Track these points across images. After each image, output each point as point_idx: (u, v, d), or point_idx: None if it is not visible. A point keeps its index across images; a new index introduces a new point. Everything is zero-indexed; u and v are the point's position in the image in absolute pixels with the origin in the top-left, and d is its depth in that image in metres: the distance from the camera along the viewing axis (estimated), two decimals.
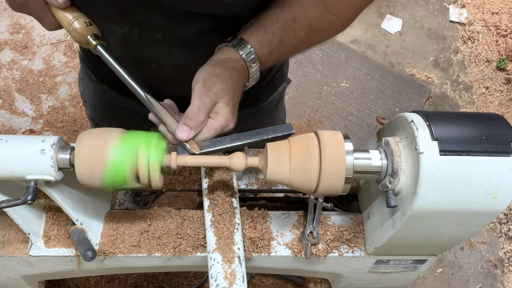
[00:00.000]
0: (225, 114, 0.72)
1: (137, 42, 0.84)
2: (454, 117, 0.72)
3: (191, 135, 0.71)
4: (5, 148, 0.67)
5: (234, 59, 0.75)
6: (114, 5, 0.77)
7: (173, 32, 0.81)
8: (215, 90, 0.71)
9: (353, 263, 0.90)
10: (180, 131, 0.70)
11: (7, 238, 0.85)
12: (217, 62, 0.75)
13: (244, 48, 0.76)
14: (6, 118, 2.12)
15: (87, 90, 1.15)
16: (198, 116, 0.70)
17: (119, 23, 0.81)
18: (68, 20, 0.76)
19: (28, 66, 2.25)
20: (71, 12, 0.76)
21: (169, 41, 0.83)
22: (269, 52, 0.78)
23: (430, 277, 1.91)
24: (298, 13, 0.77)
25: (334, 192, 0.69)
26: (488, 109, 2.36)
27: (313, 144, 0.68)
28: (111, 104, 1.09)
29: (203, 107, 0.70)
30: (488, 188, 0.68)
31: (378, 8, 2.61)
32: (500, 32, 2.53)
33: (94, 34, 0.78)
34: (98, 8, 0.78)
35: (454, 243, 0.82)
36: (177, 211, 0.87)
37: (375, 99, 2.32)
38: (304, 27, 0.78)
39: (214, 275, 0.73)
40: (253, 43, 0.76)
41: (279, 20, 0.77)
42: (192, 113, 0.70)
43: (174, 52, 0.85)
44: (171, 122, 0.74)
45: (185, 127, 0.70)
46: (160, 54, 0.86)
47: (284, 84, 1.16)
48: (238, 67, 0.75)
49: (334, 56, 2.42)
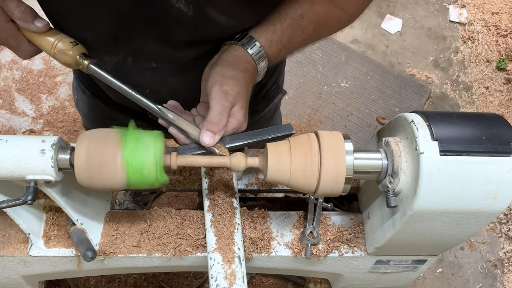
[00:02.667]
0: (239, 117, 0.72)
1: (130, 71, 0.82)
2: (454, 117, 0.72)
3: (216, 140, 0.70)
4: (5, 148, 0.67)
5: (245, 60, 0.75)
6: (107, 36, 0.74)
7: (168, 59, 0.80)
8: (232, 93, 0.71)
9: (353, 263, 0.90)
10: (205, 137, 0.69)
11: (7, 238, 0.85)
12: (229, 63, 0.74)
13: (254, 47, 0.75)
14: (6, 118, 2.11)
15: (81, 101, 1.13)
16: (221, 121, 0.69)
17: (112, 53, 0.78)
18: (50, 43, 0.69)
19: (28, 66, 2.25)
20: (52, 34, 0.70)
21: (164, 68, 0.81)
22: (278, 51, 0.77)
23: (430, 277, 1.91)
24: (306, 9, 0.77)
25: (334, 192, 0.69)
26: (488, 109, 2.36)
27: (313, 144, 0.68)
28: (104, 117, 1.07)
29: (224, 112, 0.70)
30: (488, 188, 0.68)
31: (378, 8, 2.61)
32: (500, 32, 2.53)
33: (83, 54, 0.72)
34: (88, 39, 0.74)
35: (454, 243, 0.82)
36: (177, 211, 0.87)
37: (375, 99, 2.32)
38: (312, 23, 0.78)
39: (214, 275, 0.73)
40: (263, 42, 0.75)
41: (288, 17, 0.76)
42: (215, 118, 0.69)
43: (170, 79, 0.84)
44: (191, 130, 0.73)
45: (209, 133, 0.69)
46: (154, 81, 0.84)
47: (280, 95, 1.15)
48: (250, 68, 0.75)
49: (334, 56, 2.41)
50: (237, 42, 0.76)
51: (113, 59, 0.80)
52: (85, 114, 1.16)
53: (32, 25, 0.67)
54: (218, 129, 0.70)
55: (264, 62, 0.77)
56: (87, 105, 1.11)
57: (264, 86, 1.05)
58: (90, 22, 0.72)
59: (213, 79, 0.72)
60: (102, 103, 1.03)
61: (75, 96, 1.16)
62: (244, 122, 0.73)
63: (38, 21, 0.68)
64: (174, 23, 0.71)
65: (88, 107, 1.11)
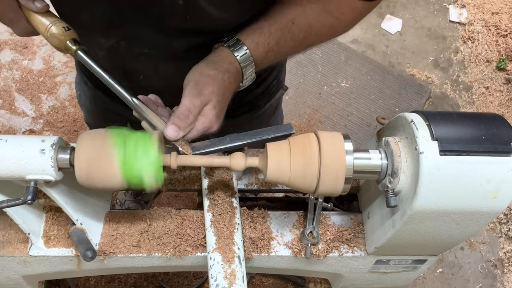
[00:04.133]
0: (210, 117, 0.72)
1: (124, 55, 0.82)
2: (454, 117, 0.72)
3: (180, 135, 0.70)
4: (5, 148, 0.67)
5: (229, 61, 0.75)
6: (101, 19, 0.75)
7: (161, 47, 0.80)
8: (205, 92, 0.71)
9: (353, 263, 0.90)
10: (169, 130, 0.69)
11: (7, 238, 0.85)
12: (211, 62, 0.75)
13: (239, 50, 0.75)
14: (6, 118, 2.11)
15: (83, 95, 1.14)
16: (188, 117, 0.70)
17: (106, 36, 0.79)
18: (45, 25, 0.71)
19: (28, 66, 2.25)
20: (48, 17, 0.71)
21: (157, 55, 0.82)
22: (265, 54, 0.77)
23: (430, 277, 1.91)
24: (297, 15, 0.77)
25: (334, 192, 0.69)
26: (488, 109, 2.36)
27: (313, 144, 0.68)
28: (106, 110, 1.08)
29: (193, 109, 0.70)
30: (488, 188, 0.68)
31: (378, 8, 2.61)
32: (500, 32, 2.53)
33: (73, 39, 0.73)
34: (84, 20, 0.75)
35: (454, 243, 0.82)
36: (177, 211, 0.87)
37: (375, 99, 2.32)
38: (303, 29, 0.78)
39: (214, 275, 0.73)
40: (249, 45, 0.75)
41: (277, 21, 0.76)
42: (182, 114, 0.70)
43: (162, 66, 0.84)
44: (159, 124, 0.73)
45: (174, 127, 0.69)
46: (148, 67, 0.85)
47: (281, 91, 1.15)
48: (232, 69, 0.75)
49: (334, 56, 2.42)
50: (223, 44, 0.76)
51: (108, 41, 0.80)
52: (87, 109, 1.17)
53: (32, 4, 0.69)
54: (184, 124, 0.70)
55: (250, 65, 0.77)
56: (89, 99, 1.12)
57: (264, 80, 1.05)
58: (85, 5, 0.74)
59: (190, 76, 0.73)
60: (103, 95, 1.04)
61: (77, 91, 1.17)
62: (215, 122, 0.73)
63: (38, 2, 0.70)
64: (166, 11, 0.72)
65: (90, 100, 1.12)
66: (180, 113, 0.70)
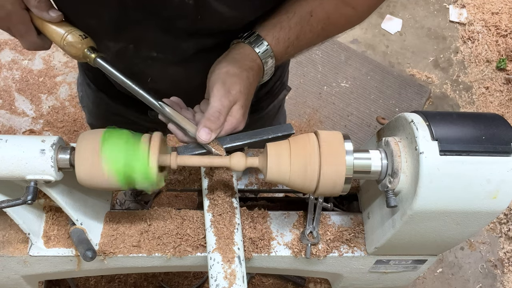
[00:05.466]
0: (238, 116, 0.72)
1: (132, 58, 0.82)
2: (454, 117, 0.72)
3: (212, 137, 0.70)
4: (5, 148, 0.67)
5: (251, 58, 0.74)
6: (109, 22, 0.74)
7: (170, 50, 0.79)
8: (233, 92, 0.70)
9: (353, 263, 0.90)
10: (202, 133, 0.69)
11: (7, 238, 0.85)
12: (234, 60, 0.74)
13: (260, 46, 0.74)
14: (6, 118, 2.11)
15: (86, 96, 1.13)
16: (218, 119, 0.69)
17: (114, 40, 0.79)
18: (60, 35, 0.70)
19: (28, 66, 2.25)
20: (63, 26, 0.71)
21: (165, 58, 0.81)
22: (285, 49, 0.77)
23: (430, 277, 1.91)
24: (315, 6, 0.76)
25: (334, 192, 0.69)
26: (488, 109, 2.36)
27: (313, 144, 0.68)
28: (109, 112, 1.07)
29: (223, 110, 0.70)
30: (488, 188, 0.68)
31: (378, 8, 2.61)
32: (500, 32, 2.53)
33: (91, 47, 0.73)
34: (91, 24, 0.75)
35: (454, 243, 0.82)
36: (177, 211, 0.87)
37: (375, 99, 2.32)
38: (321, 21, 0.77)
39: (214, 275, 0.73)
40: (270, 40, 0.74)
41: (296, 14, 0.75)
42: (213, 115, 0.69)
43: (171, 69, 0.84)
44: (189, 126, 0.73)
45: (206, 130, 0.69)
46: (156, 70, 0.84)
47: (284, 92, 1.15)
48: (255, 67, 0.74)
49: (334, 56, 2.41)
50: (244, 40, 0.76)
51: (116, 45, 0.80)
52: (89, 110, 1.16)
53: (46, 14, 0.68)
54: (215, 126, 0.69)
55: (271, 60, 0.76)
56: (92, 100, 1.11)
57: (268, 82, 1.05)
58: (93, 9, 0.73)
59: (216, 76, 0.72)
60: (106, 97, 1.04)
61: (79, 93, 1.16)
62: (242, 122, 0.73)
63: (52, 11, 0.69)
64: (175, 12, 0.71)
65: (93, 102, 1.11)
66: (211, 115, 0.69)
